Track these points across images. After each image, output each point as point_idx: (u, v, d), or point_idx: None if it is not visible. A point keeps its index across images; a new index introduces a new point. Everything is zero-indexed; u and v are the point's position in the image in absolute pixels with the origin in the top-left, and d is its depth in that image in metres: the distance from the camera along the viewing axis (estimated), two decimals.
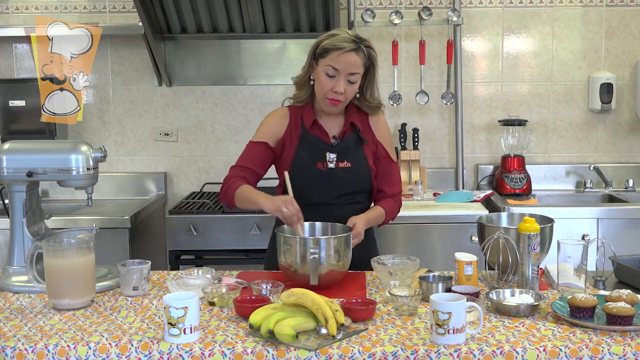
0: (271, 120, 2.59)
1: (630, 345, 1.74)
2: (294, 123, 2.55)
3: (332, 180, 2.49)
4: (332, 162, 2.51)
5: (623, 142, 4.12)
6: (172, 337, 1.77)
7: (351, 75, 2.42)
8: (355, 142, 2.54)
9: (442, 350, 1.73)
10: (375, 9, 3.96)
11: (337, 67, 2.40)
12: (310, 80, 2.51)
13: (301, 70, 2.55)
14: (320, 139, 2.53)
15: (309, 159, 2.51)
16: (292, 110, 2.58)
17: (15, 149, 2.29)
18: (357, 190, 2.54)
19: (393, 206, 2.60)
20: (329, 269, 2.21)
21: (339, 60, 2.40)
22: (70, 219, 3.43)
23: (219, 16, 3.86)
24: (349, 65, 2.41)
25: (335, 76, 2.41)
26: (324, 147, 2.52)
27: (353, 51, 2.41)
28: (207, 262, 3.56)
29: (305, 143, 2.52)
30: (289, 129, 2.55)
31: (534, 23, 4.06)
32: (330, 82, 2.42)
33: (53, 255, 2.07)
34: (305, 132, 2.53)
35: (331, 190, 2.50)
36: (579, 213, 3.49)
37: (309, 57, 2.50)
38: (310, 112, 2.54)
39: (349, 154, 2.52)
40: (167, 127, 4.13)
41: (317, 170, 2.50)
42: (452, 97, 4.00)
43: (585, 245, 2.14)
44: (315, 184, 2.48)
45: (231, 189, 2.49)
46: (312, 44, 2.49)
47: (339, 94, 2.43)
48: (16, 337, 1.84)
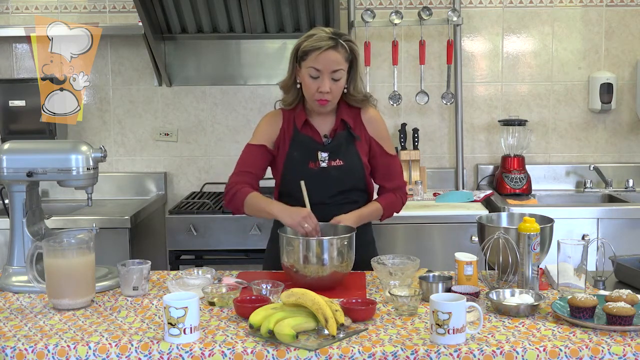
0: (266, 123, 2.60)
1: (630, 345, 1.74)
2: (287, 124, 2.56)
3: (324, 180, 2.49)
4: (324, 161, 2.51)
5: (623, 142, 4.11)
6: (172, 337, 1.77)
7: (334, 72, 2.42)
8: (346, 139, 2.53)
9: (442, 350, 1.73)
10: (375, 9, 3.96)
11: (318, 68, 2.41)
12: (296, 84, 2.52)
13: (286, 76, 2.55)
14: (311, 139, 2.53)
15: (301, 159, 2.51)
16: (284, 112, 2.59)
17: (15, 149, 2.30)
18: (351, 189, 2.54)
19: (393, 200, 2.59)
20: (332, 270, 2.21)
21: (319, 60, 2.40)
22: (70, 219, 3.43)
23: (219, 16, 3.86)
24: (330, 63, 2.41)
25: (318, 77, 2.42)
26: (316, 146, 2.52)
27: (332, 49, 2.41)
28: (207, 262, 3.55)
29: (296, 143, 2.53)
30: (282, 131, 2.56)
31: (534, 23, 4.06)
32: (314, 83, 2.43)
33: (53, 255, 2.07)
34: (296, 132, 2.53)
35: (325, 190, 2.50)
36: (579, 213, 3.49)
37: (291, 61, 2.51)
38: (301, 112, 2.55)
39: (341, 152, 2.52)
40: (167, 127, 4.13)
41: (309, 170, 2.50)
42: (452, 97, 4.00)
43: (585, 245, 2.14)
44: (308, 184, 2.48)
45: (239, 196, 2.48)
46: (293, 47, 2.49)
47: (325, 93, 2.43)
48: (16, 337, 1.84)
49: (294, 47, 2.49)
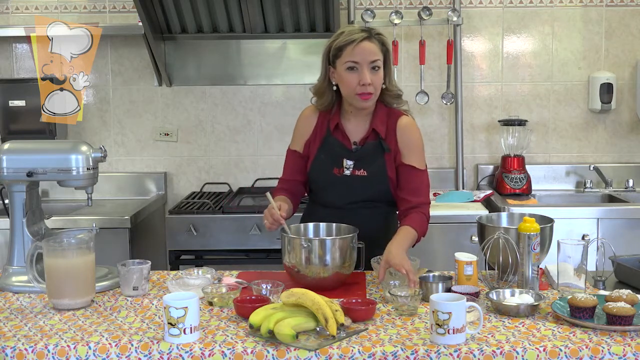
0: (300, 123, 2.59)
1: (630, 345, 1.74)
2: (321, 122, 2.54)
3: (345, 188, 2.48)
4: (349, 169, 2.48)
5: (623, 142, 4.11)
6: (172, 337, 1.77)
7: (372, 62, 2.39)
8: (375, 149, 2.48)
9: (442, 350, 1.73)
10: (375, 9, 3.96)
11: (356, 60, 2.38)
12: (331, 86, 2.48)
13: (318, 80, 2.51)
14: (341, 144, 2.50)
15: (327, 163, 2.50)
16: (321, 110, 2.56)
17: (15, 149, 2.29)
18: (372, 199, 2.50)
19: (422, 220, 2.43)
20: (335, 271, 2.20)
21: (356, 52, 2.37)
22: (70, 219, 3.43)
23: (219, 16, 3.86)
24: (368, 54, 2.38)
25: (357, 69, 2.38)
26: (343, 152, 2.49)
27: (366, 39, 2.39)
28: (207, 262, 3.55)
29: (326, 146, 2.51)
30: (315, 130, 2.54)
31: (534, 23, 4.06)
32: (354, 77, 2.38)
33: (53, 255, 2.07)
34: (328, 135, 2.51)
35: (344, 197, 2.48)
36: (579, 213, 3.49)
37: (323, 63, 2.47)
38: (336, 114, 2.52)
39: (367, 162, 2.47)
40: (167, 127, 4.13)
41: (332, 175, 2.49)
42: (452, 97, 4.00)
43: (585, 245, 2.14)
44: (329, 189, 2.49)
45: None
46: (323, 50, 2.46)
47: (367, 85, 2.38)
48: (16, 337, 1.84)
49: (325, 48, 2.45)
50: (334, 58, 2.43)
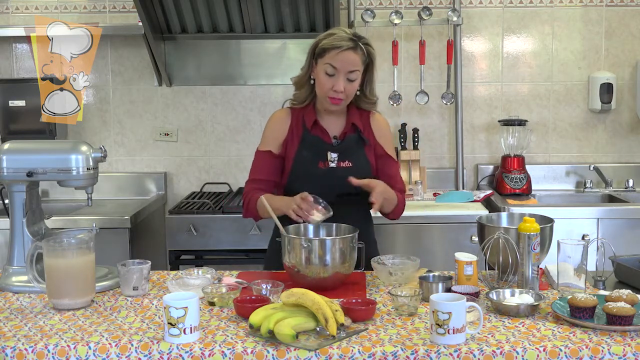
0: (273, 125, 2.61)
1: (630, 345, 1.74)
2: (295, 123, 2.56)
3: (332, 180, 2.49)
4: (334, 161, 2.52)
5: (623, 142, 4.12)
6: (172, 337, 1.77)
7: (350, 73, 2.43)
8: (356, 142, 2.55)
9: (442, 350, 1.73)
10: (375, 9, 3.96)
11: (335, 66, 2.42)
12: (310, 80, 2.53)
13: (300, 71, 2.56)
14: (321, 139, 2.54)
15: (311, 159, 2.52)
16: (293, 111, 2.60)
17: (15, 149, 2.29)
18: (358, 191, 2.52)
19: (403, 200, 2.59)
20: (335, 271, 2.20)
21: (338, 58, 2.42)
22: (70, 219, 3.43)
23: (219, 16, 3.86)
24: (348, 64, 2.42)
25: (334, 75, 2.43)
26: (325, 146, 2.53)
27: (351, 49, 2.42)
28: (207, 262, 3.56)
29: (306, 143, 2.53)
30: (290, 130, 2.56)
31: (534, 23, 4.06)
32: (329, 81, 2.44)
33: (53, 255, 2.07)
34: (306, 132, 2.54)
35: (332, 190, 2.49)
36: (579, 213, 3.49)
37: (308, 57, 2.52)
38: (311, 112, 2.56)
39: (351, 154, 2.53)
40: (167, 127, 4.13)
41: (318, 169, 2.51)
42: (452, 97, 4.00)
43: (585, 245, 2.14)
44: (316, 183, 2.48)
45: (251, 203, 2.51)
46: (311, 44, 2.51)
47: (339, 92, 2.44)
48: (16, 337, 1.84)
49: (313, 43, 2.50)
50: (318, 56, 2.47)
